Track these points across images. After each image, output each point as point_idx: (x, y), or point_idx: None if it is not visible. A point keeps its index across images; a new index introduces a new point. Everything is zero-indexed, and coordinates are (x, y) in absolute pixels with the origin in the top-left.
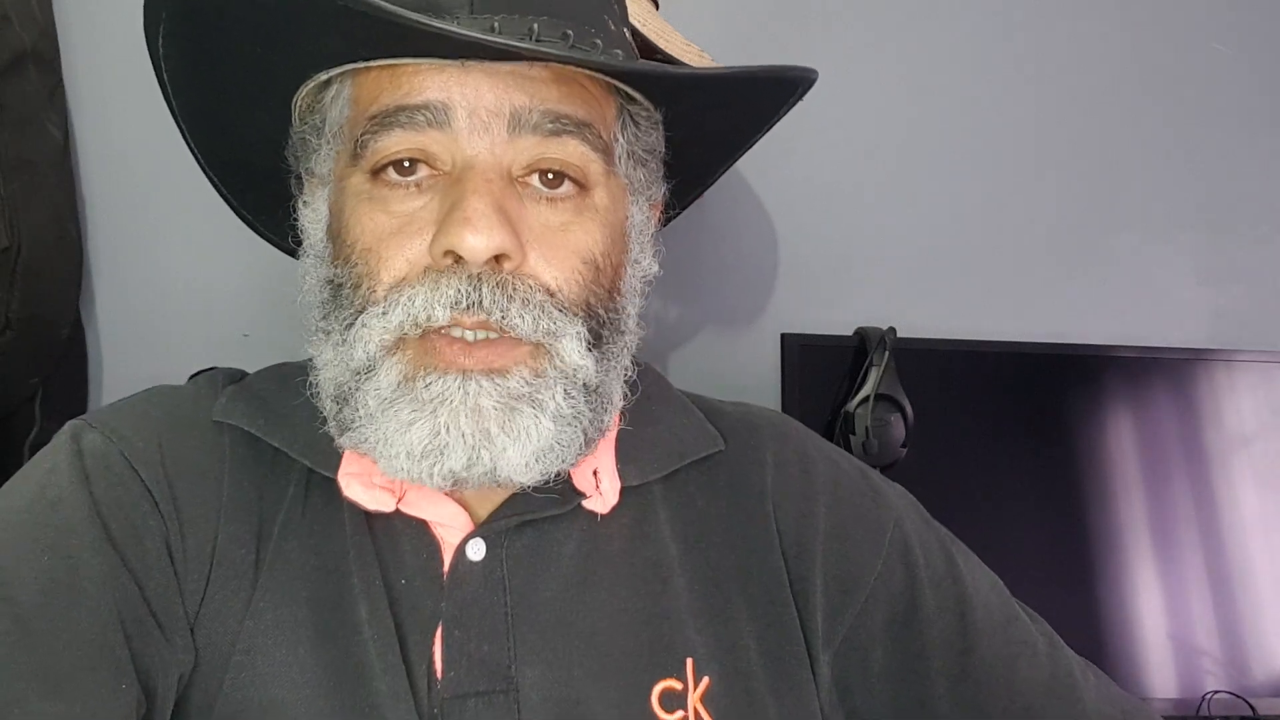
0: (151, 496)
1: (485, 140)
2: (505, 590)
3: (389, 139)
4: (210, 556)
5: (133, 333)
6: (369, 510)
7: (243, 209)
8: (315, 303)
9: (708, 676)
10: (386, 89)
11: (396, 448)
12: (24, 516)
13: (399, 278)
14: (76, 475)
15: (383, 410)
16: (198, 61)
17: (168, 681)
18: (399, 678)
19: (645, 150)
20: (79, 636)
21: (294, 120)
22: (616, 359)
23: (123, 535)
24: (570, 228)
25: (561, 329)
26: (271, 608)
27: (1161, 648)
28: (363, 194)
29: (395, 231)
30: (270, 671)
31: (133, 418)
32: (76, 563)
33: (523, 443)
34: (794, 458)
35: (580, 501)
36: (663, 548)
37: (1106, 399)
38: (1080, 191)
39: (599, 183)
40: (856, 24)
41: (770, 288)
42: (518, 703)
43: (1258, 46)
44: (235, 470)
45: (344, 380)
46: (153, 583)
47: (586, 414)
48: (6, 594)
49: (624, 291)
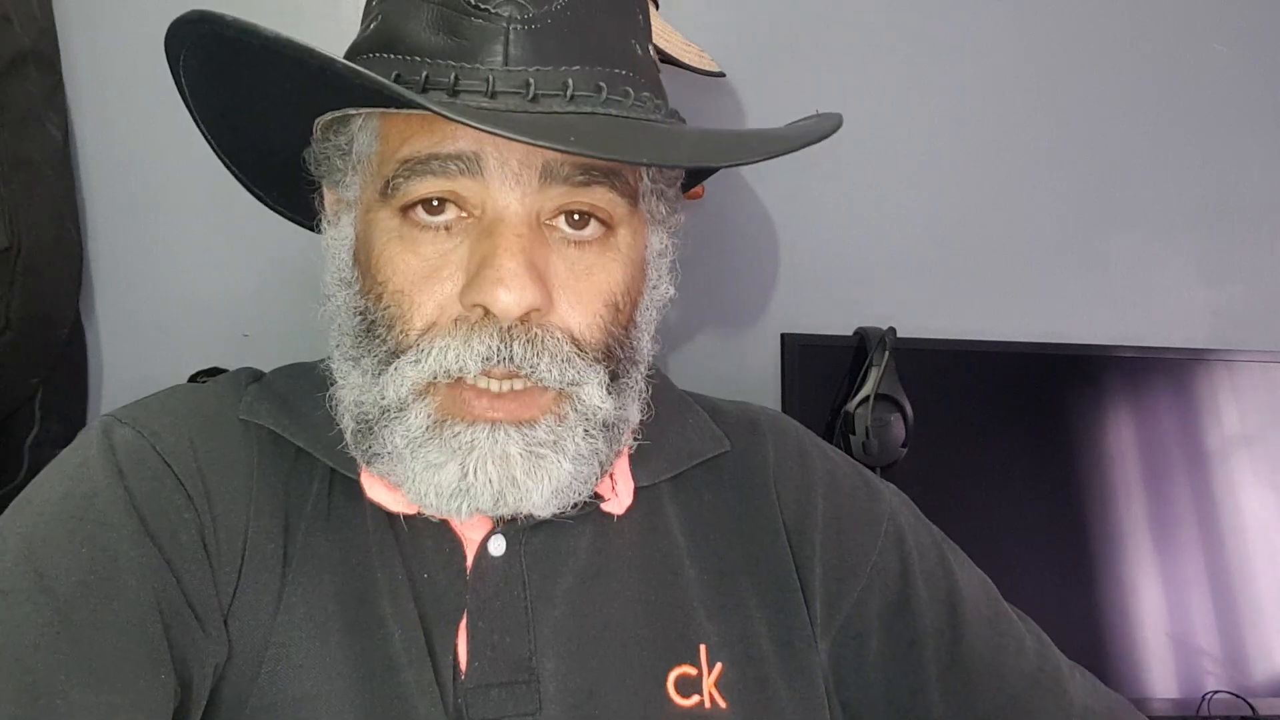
0: (185, 490)
1: (516, 191)
2: (525, 585)
3: (421, 185)
4: (242, 549)
5: (133, 333)
6: (391, 511)
7: (255, 186)
8: (347, 329)
9: (720, 662)
10: (418, 133)
11: (425, 485)
12: (60, 509)
13: (430, 322)
14: (110, 469)
15: (411, 451)
16: (217, 78)
17: (204, 672)
18: (425, 669)
19: (667, 183)
20: (118, 627)
21: (316, 134)
22: (632, 389)
23: (159, 528)
24: (594, 270)
25: (585, 377)
26: (302, 602)
27: (1161, 648)
28: (392, 232)
29: (426, 276)
30: (303, 665)
31: (162, 414)
32: (115, 554)
33: (544, 485)
34: (793, 451)
35: (598, 505)
36: (672, 541)
37: (1106, 399)
38: (1080, 191)
39: (623, 222)
40: (856, 25)
41: (770, 288)
42: (539, 693)
43: (1258, 46)
44: (263, 466)
45: (370, 412)
46: (189, 575)
47: (604, 449)
48: (46, 585)
49: (639, 323)
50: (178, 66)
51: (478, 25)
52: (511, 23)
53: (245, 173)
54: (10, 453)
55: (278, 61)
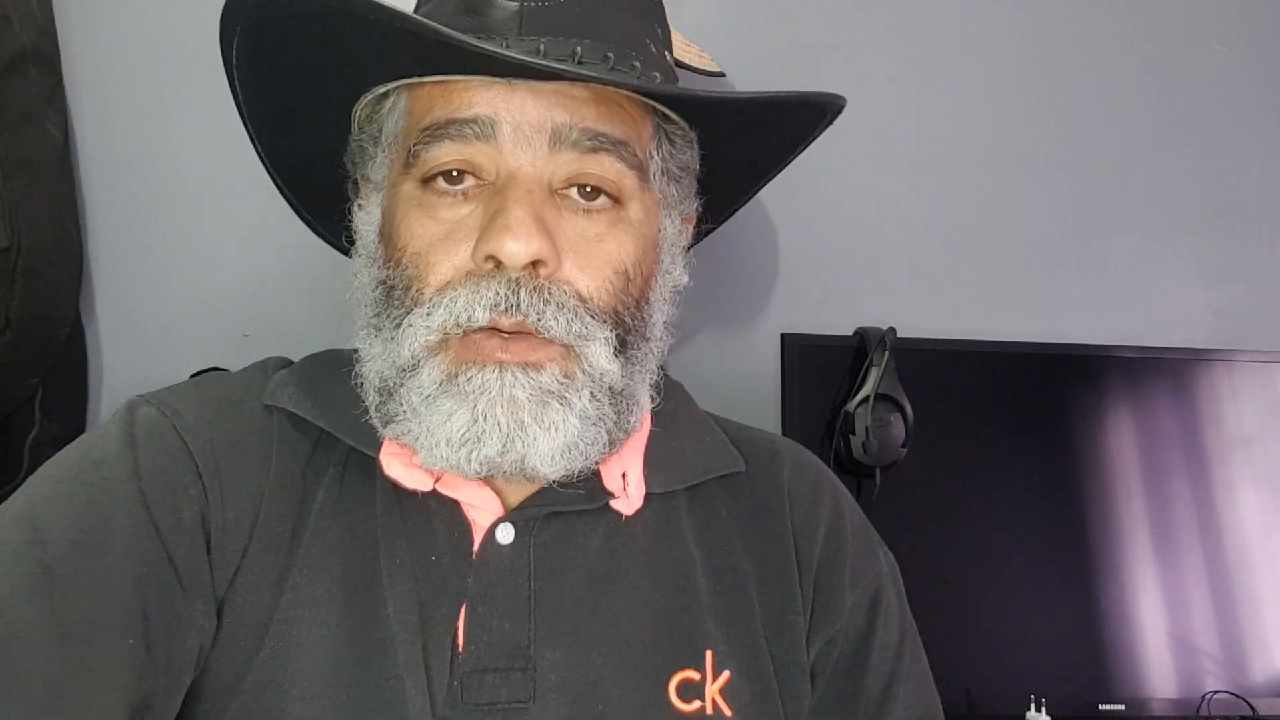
0: (196, 468)
1: (528, 154)
2: (530, 575)
3: (439, 150)
4: (250, 529)
5: (133, 333)
6: (407, 488)
7: (304, 210)
8: (368, 300)
9: (729, 670)
10: (439, 103)
11: (437, 436)
12: (69, 471)
13: (444, 281)
14: (125, 440)
15: (425, 405)
16: (267, 72)
17: (184, 645)
18: (416, 651)
19: (679, 167)
20: (95, 589)
21: (353, 129)
22: (642, 364)
23: (159, 501)
24: (604, 239)
25: (591, 333)
26: (307, 582)
27: (1161, 648)
28: (413, 200)
29: (443, 238)
30: (303, 643)
31: (188, 395)
32: (109, 519)
33: (552, 435)
34: (807, 486)
35: (608, 501)
36: (686, 551)
37: (1106, 399)
38: (1080, 191)
39: (633, 197)
40: (856, 24)
41: (770, 288)
42: (534, 681)
43: (1258, 46)
44: (282, 450)
45: (389, 375)
46: (182, 550)
47: (611, 416)
48: (39, 539)
49: (652, 301)
50: (230, 54)
51: (497, 4)
52: (526, 1)
53: (290, 182)
54: (10, 453)
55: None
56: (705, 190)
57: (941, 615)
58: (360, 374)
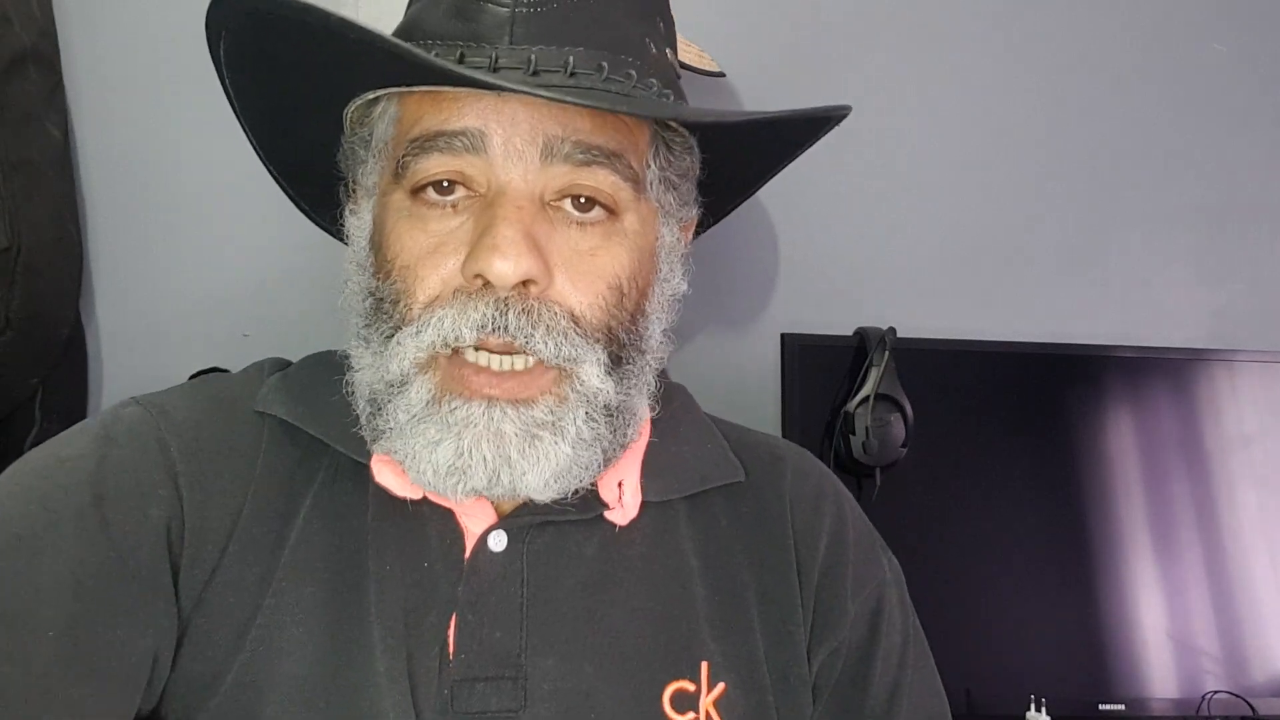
0: (174, 468)
1: (519, 167)
2: (522, 583)
3: (428, 161)
4: (229, 532)
5: (133, 333)
6: (398, 496)
7: (301, 200)
8: (358, 310)
9: (724, 682)
10: (428, 113)
11: (423, 464)
12: (36, 466)
13: (433, 296)
14: (97, 439)
15: (411, 426)
16: (258, 71)
17: (136, 645)
18: (399, 659)
19: (677, 174)
20: (28, 588)
21: (345, 129)
22: (638, 377)
23: (119, 501)
24: (598, 252)
25: (582, 355)
26: (292, 586)
27: (1161, 648)
28: (403, 211)
29: (432, 251)
30: (284, 646)
31: (179, 396)
32: (56, 520)
33: (541, 467)
34: (810, 494)
35: (602, 511)
36: (684, 560)
37: (1106, 399)
38: (1080, 191)
39: (629, 208)
40: (856, 24)
41: (770, 288)
42: (525, 690)
43: (1258, 46)
44: (270, 454)
45: (378, 389)
46: (143, 550)
47: (606, 435)
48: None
49: (649, 312)
50: (218, 52)
51: (488, 10)
52: (518, 7)
53: (287, 175)
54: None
55: (303, 35)
56: (705, 192)
57: (942, 615)
58: (352, 383)
